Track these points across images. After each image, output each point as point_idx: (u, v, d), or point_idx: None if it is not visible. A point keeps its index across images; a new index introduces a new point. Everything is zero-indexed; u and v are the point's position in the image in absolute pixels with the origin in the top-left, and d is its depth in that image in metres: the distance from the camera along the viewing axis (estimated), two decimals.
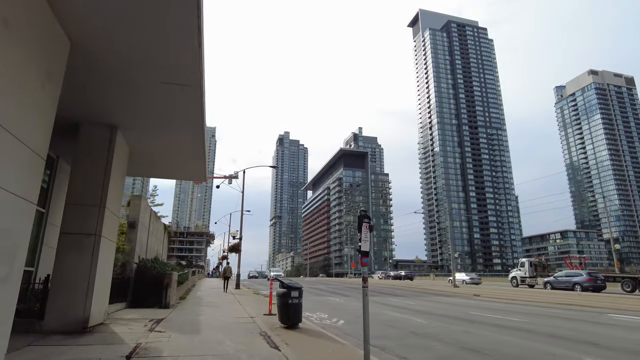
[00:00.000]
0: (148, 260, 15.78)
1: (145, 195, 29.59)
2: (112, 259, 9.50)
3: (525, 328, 10.17)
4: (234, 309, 13.29)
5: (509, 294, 23.90)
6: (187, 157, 11.20)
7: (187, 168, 12.36)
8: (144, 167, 12.21)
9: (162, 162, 11.86)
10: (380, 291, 27.82)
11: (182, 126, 8.84)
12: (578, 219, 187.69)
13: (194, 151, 10.48)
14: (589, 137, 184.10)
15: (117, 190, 9.27)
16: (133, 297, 13.46)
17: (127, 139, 9.55)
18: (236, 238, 27.45)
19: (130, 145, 9.99)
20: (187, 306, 13.96)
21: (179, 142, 9.92)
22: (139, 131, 9.23)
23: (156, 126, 8.93)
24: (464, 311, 14.34)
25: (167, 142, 9.98)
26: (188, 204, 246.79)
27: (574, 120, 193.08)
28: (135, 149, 10.25)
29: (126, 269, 13.73)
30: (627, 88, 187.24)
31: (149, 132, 9.28)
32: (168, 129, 9.02)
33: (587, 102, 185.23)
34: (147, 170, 12.80)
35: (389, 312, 13.62)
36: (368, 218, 5.59)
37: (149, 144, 10.12)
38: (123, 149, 9.55)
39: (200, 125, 8.55)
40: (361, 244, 5.45)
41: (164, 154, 10.93)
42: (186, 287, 22.02)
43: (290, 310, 8.89)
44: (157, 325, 8.98)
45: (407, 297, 21.55)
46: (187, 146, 10.17)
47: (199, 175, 13.04)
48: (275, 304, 9.66)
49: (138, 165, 11.79)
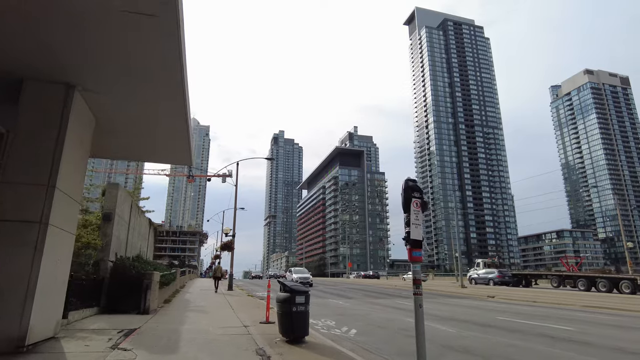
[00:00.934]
0: (128, 258, 13.83)
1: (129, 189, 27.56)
2: (69, 254, 7.56)
3: (582, 340, 8.37)
4: (225, 315, 11.37)
5: (525, 295, 22.19)
6: (168, 134, 9.29)
7: (169, 148, 10.41)
8: (118, 146, 10.24)
9: (139, 141, 9.91)
10: (382, 292, 26.03)
11: (158, 87, 6.95)
12: (573, 218, 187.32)
13: (176, 125, 8.57)
14: (584, 137, 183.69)
15: (75, 168, 7.34)
16: (108, 300, 11.54)
17: (92, 105, 7.63)
18: (229, 235, 25.49)
19: (96, 116, 8.06)
20: (170, 311, 12.03)
21: (157, 112, 8.03)
22: (104, 95, 7.33)
23: (124, 87, 7.03)
24: (490, 316, 12.54)
25: (142, 112, 8.08)
26: (181, 203, 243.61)
27: (569, 120, 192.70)
28: (104, 121, 8.32)
29: (100, 268, 11.78)
30: (622, 88, 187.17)
31: (117, 96, 7.38)
32: (140, 91, 7.13)
33: (583, 102, 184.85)
34: (122, 150, 10.80)
35: (404, 318, 11.79)
36: (418, 191, 3.73)
37: (120, 114, 8.21)
38: (85, 118, 7.62)
39: (179, 81, 6.65)
40: (410, 230, 3.59)
41: (140, 129, 9.00)
42: (173, 288, 20.04)
43: (294, 320, 7.02)
44: (126, 339, 7.07)
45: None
46: (167, 118, 8.27)
47: (184, 158, 11.10)
48: (275, 311, 7.82)
49: (110, 143, 9.85)
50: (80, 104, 7.22)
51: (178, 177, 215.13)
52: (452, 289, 28.14)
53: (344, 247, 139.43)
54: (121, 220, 13.31)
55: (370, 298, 20.50)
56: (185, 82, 6.95)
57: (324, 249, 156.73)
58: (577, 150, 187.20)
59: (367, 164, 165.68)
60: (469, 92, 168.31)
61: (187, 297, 18.31)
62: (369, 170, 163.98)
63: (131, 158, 11.88)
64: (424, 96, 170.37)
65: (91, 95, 7.29)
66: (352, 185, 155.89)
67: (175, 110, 7.81)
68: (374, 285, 37.59)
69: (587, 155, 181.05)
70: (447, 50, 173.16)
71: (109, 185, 12.87)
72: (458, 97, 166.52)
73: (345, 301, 18.19)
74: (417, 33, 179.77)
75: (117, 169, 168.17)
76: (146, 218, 19.81)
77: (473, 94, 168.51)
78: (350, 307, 15.65)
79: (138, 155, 11.63)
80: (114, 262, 12.25)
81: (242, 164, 28.34)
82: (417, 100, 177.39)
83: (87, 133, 7.86)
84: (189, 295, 19.09)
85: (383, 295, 23.19)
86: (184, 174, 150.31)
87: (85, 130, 7.74)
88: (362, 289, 28.96)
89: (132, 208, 15.16)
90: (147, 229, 19.47)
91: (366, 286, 34.22)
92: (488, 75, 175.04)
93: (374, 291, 26.87)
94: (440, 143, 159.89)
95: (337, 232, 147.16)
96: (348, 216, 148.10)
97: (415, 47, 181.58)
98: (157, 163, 11.42)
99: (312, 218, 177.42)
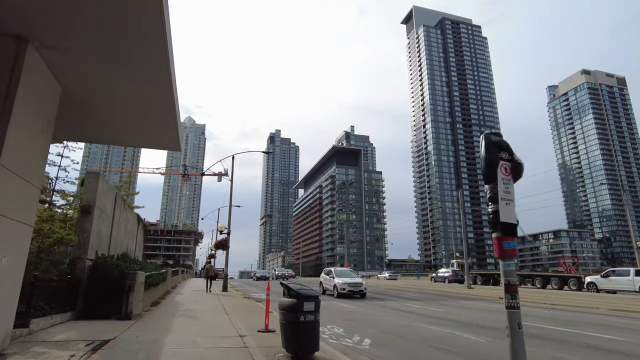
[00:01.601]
0: (111, 256, 12.43)
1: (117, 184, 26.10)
2: (25, 250, 6.17)
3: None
4: (218, 321, 10.00)
5: (537, 297, 20.98)
6: (151, 113, 7.92)
7: (153, 129, 9.03)
8: (94, 126, 8.83)
9: (118, 120, 8.50)
10: (387, 293, 24.74)
11: (137, 47, 5.58)
12: (570, 218, 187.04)
13: (160, 98, 7.19)
14: (581, 137, 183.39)
15: (32, 145, 5.97)
16: (85, 304, 10.17)
17: (55, 69, 6.24)
18: (224, 232, 24.07)
19: (63, 84, 6.68)
20: (156, 316, 10.65)
21: (138, 82, 6.66)
22: (71, 58, 5.95)
23: (96, 48, 5.66)
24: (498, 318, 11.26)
25: (119, 82, 6.71)
26: (176, 202, 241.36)
27: (566, 120, 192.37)
28: (74, 92, 6.95)
29: (76, 267, 10.40)
30: (618, 88, 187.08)
31: (88, 59, 6.00)
32: (116, 53, 5.75)
33: (580, 102, 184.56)
34: (100, 132, 9.37)
35: (423, 325, 10.48)
36: (507, 150, 2.42)
37: (93, 84, 6.83)
38: (45, 83, 6.23)
39: (161, 38, 5.28)
40: (499, 208, 2.29)
41: (119, 104, 7.62)
42: (163, 289, 18.64)
43: (301, 331, 5.68)
44: (93, 355, 5.71)
45: (426, 302, 18.44)
46: (150, 91, 6.91)
47: (171, 143, 9.72)
48: (277, 319, 6.49)
49: (84, 122, 8.46)
50: (37, 64, 5.83)
51: (173, 176, 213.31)
52: (457, 290, 26.89)
53: (341, 247, 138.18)
54: (103, 215, 11.91)
55: (376, 300, 19.17)
56: (168, 41, 5.60)
57: (320, 248, 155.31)
58: (574, 150, 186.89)
59: (364, 163, 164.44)
60: (466, 91, 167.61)
61: (177, 298, 16.92)
62: (366, 170, 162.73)
63: (110, 141, 10.46)
64: (422, 95, 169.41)
65: (54, 55, 5.91)
66: (350, 184, 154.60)
67: (159, 78, 6.44)
68: (375, 285, 36.16)
69: (584, 156, 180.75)
70: (445, 49, 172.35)
71: (88, 174, 11.47)
72: (456, 96, 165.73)
73: (350, 303, 16.85)
74: (414, 32, 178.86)
75: (112, 167, 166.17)
76: (134, 213, 18.39)
77: (471, 94, 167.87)
78: (357, 310, 14.30)
79: (118, 138, 10.20)
80: (93, 260, 10.87)
81: (237, 164, 26.96)
82: (415, 100, 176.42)
83: (48, 103, 6.46)
84: (179, 297, 17.70)
85: (388, 296, 21.89)
86: (179, 173, 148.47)
87: (46, 99, 6.34)
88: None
89: (117, 202, 13.76)
90: (135, 226, 18.04)
91: (370, 287, 32.78)
92: (486, 75, 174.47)
93: (378, 292, 25.55)
94: (437, 143, 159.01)
95: (334, 231, 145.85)
96: (345, 215, 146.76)
97: (413, 46, 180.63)
98: (140, 147, 9.92)
99: (308, 217, 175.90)
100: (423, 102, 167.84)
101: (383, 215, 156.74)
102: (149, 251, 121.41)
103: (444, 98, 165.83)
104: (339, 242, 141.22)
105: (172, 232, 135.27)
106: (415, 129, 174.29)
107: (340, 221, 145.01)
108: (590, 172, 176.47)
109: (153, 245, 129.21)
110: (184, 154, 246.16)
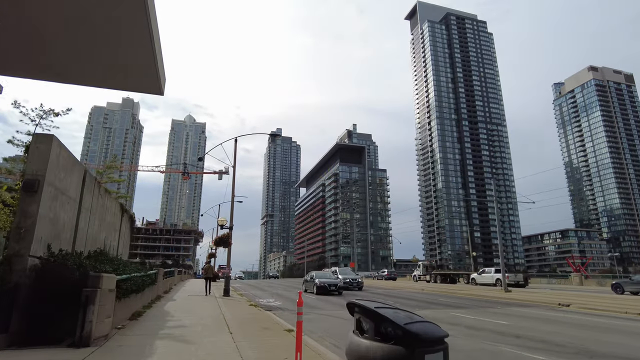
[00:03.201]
0: (77, 254, 9.18)
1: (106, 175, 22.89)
2: None
3: None
4: (218, 348, 6.77)
5: (606, 303, 17.72)
6: (120, 38, 4.73)
7: (123, 62, 5.84)
8: (52, 58, 5.64)
9: (81, 51, 5.33)
10: (411, 297, 21.48)
11: None
12: (577, 218, 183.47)
13: (130, 17, 4.00)
14: (588, 135, 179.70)
15: None
16: (25, 323, 6.98)
17: None
18: (225, 227, 20.89)
19: None
20: (128, 339, 7.44)
21: None
22: None
23: None
24: (617, 341, 8.06)
25: None
26: (176, 201, 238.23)
27: (572, 118, 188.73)
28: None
29: (12, 268, 7.16)
30: (626, 85, 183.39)
31: None
32: None
33: (587, 99, 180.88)
34: (60, 66, 6.14)
35: (502, 348, 7.26)
36: None
37: None
38: None
39: None
40: None
41: (80, 29, 4.42)
42: (152, 294, 15.45)
43: None
44: None
45: (469, 310, 15.20)
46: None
47: (149, 83, 6.53)
48: None
49: (40, 52, 5.26)
50: None
51: (173, 174, 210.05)
52: (492, 293, 23.58)
53: (345, 246, 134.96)
54: (61, 196, 8.68)
55: (408, 307, 15.93)
56: None
57: (323, 248, 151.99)
58: (581, 148, 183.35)
59: (368, 161, 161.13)
60: (472, 87, 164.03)
61: (168, 307, 13.71)
62: (370, 167, 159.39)
63: (71, 81, 7.19)
64: (427, 92, 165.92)
65: None
66: (353, 182, 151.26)
67: None
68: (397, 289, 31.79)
69: (592, 154, 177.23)
70: (450, 45, 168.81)
71: (36, 135, 8.21)
72: (461, 93, 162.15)
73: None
74: (419, 27, 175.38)
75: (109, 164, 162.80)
76: (117, 202, 15.17)
77: (476, 90, 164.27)
78: None
79: (81, 77, 6.95)
80: (42, 258, 7.65)
81: (239, 164, 23.73)
82: (419, 97, 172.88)
83: None
84: (171, 305, 14.47)
85: (418, 301, 18.67)
86: (179, 171, 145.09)
87: None
88: (386, 294, 24.41)
89: (87, 182, 10.55)
90: (118, 217, 14.83)
91: (388, 290, 29.49)
92: (491, 71, 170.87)
93: (403, 297, 22.29)
94: (443, 140, 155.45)
95: (338, 230, 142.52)
96: (349, 214, 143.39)
97: (417, 42, 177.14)
98: (112, 88, 6.50)
99: (311, 216, 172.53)
100: (428, 98, 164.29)
101: (388, 214, 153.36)
102: (148, 251, 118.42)
103: (450, 94, 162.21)
104: (343, 242, 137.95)
105: (172, 231, 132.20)
106: (420, 126, 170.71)
107: (343, 220, 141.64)
108: (597, 170, 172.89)
109: (152, 245, 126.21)
110: (184, 152, 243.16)
